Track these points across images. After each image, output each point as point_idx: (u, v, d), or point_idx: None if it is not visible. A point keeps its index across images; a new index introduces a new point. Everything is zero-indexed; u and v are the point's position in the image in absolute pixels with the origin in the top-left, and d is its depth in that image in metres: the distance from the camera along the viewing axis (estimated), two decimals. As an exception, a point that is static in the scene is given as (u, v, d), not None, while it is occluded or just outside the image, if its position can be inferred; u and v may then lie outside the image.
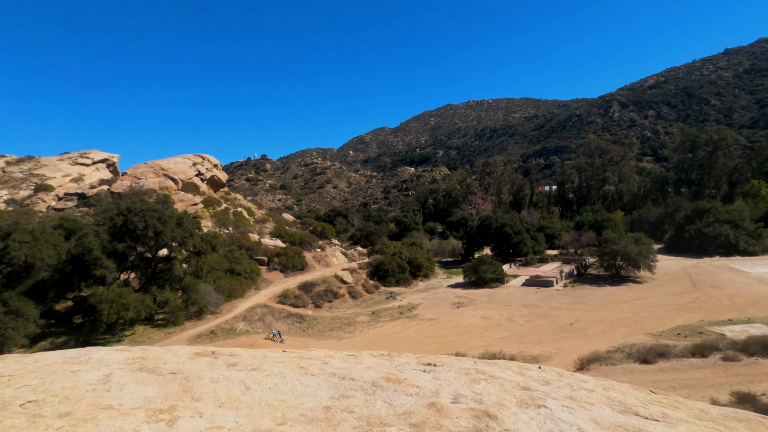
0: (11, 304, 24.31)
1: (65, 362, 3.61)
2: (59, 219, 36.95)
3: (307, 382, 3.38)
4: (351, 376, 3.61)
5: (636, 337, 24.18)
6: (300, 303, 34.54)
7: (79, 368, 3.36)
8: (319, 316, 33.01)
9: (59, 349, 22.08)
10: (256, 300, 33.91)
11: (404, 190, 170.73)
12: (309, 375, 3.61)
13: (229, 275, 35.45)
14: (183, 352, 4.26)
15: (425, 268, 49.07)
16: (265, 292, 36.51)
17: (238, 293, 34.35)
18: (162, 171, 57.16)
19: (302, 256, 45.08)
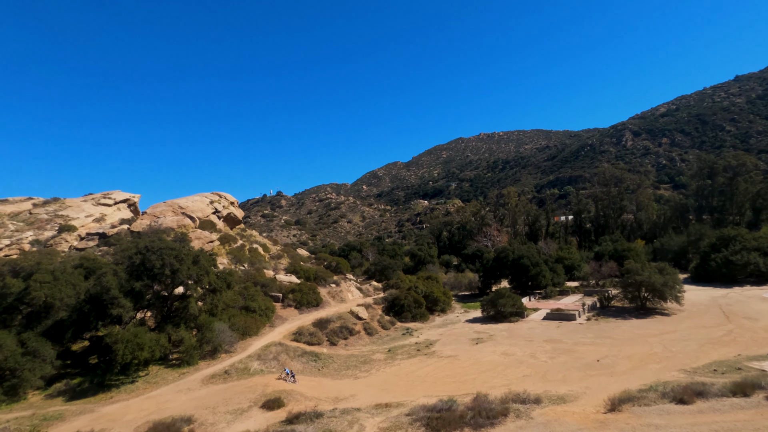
0: (29, 344, 24.38)
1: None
2: (80, 259, 37.65)
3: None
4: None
5: (669, 374, 22.82)
6: (315, 340, 33.87)
7: None
8: (335, 354, 32.19)
9: (73, 391, 22.26)
10: (271, 338, 33.39)
11: (418, 223, 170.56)
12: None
13: (243, 312, 35.18)
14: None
15: (442, 302, 48.03)
16: (279, 329, 36.00)
17: (252, 331, 33.93)
18: (180, 209, 58.39)
19: (317, 292, 44.68)
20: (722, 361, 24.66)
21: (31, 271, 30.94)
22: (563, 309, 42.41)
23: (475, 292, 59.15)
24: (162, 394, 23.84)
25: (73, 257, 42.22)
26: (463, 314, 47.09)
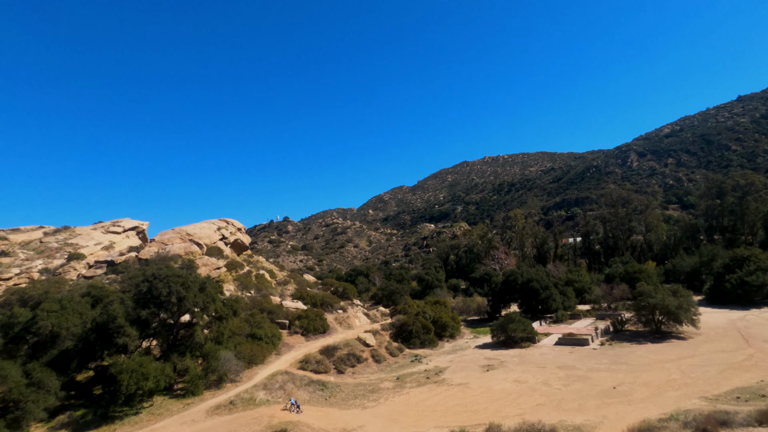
0: (34, 375, 24.07)
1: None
2: (87, 287, 37.71)
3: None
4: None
5: (689, 402, 21.93)
6: (322, 369, 33.19)
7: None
8: (342, 383, 31.45)
9: (76, 423, 21.88)
10: (277, 366, 32.79)
11: (425, 246, 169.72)
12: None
13: (249, 340, 34.71)
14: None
15: (451, 327, 47.16)
16: (286, 357, 35.40)
17: (258, 359, 33.40)
18: (188, 236, 58.70)
19: (323, 319, 44.14)
20: (745, 387, 23.71)
21: (39, 300, 30.96)
22: (575, 333, 41.39)
23: (484, 317, 58.10)
24: (166, 427, 23.30)
25: (81, 285, 42.35)
26: (472, 339, 46.10)
